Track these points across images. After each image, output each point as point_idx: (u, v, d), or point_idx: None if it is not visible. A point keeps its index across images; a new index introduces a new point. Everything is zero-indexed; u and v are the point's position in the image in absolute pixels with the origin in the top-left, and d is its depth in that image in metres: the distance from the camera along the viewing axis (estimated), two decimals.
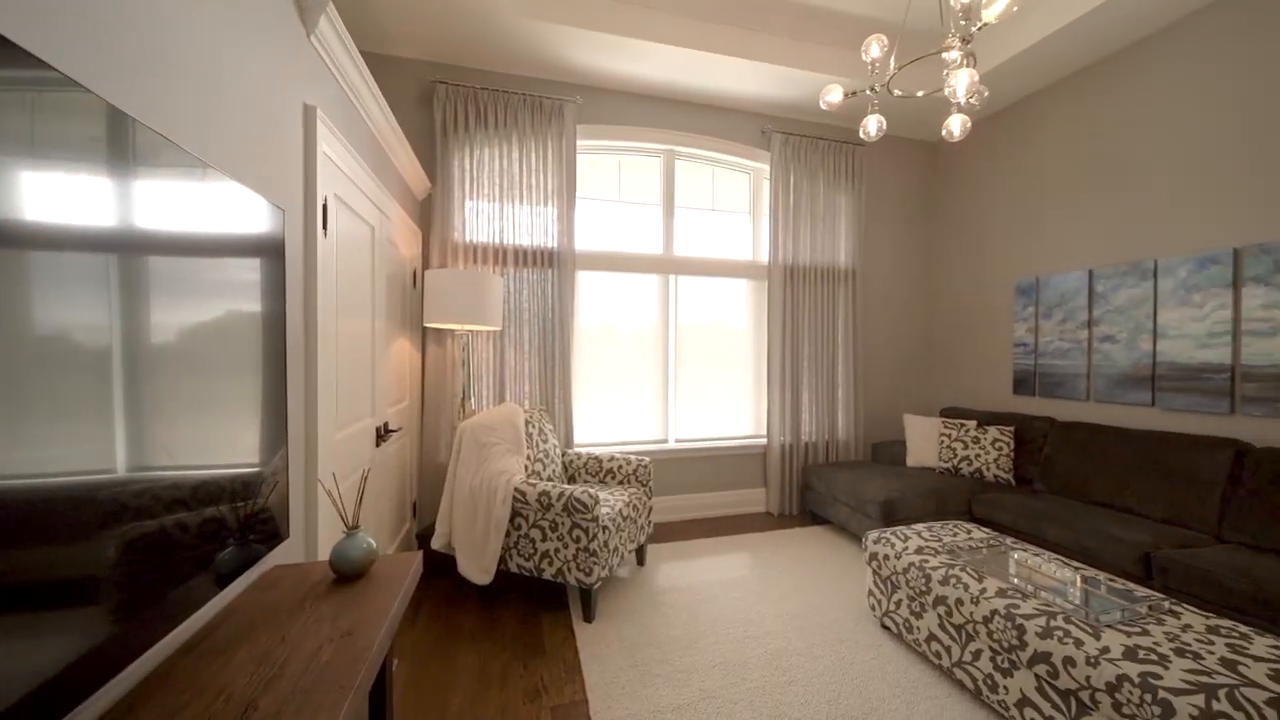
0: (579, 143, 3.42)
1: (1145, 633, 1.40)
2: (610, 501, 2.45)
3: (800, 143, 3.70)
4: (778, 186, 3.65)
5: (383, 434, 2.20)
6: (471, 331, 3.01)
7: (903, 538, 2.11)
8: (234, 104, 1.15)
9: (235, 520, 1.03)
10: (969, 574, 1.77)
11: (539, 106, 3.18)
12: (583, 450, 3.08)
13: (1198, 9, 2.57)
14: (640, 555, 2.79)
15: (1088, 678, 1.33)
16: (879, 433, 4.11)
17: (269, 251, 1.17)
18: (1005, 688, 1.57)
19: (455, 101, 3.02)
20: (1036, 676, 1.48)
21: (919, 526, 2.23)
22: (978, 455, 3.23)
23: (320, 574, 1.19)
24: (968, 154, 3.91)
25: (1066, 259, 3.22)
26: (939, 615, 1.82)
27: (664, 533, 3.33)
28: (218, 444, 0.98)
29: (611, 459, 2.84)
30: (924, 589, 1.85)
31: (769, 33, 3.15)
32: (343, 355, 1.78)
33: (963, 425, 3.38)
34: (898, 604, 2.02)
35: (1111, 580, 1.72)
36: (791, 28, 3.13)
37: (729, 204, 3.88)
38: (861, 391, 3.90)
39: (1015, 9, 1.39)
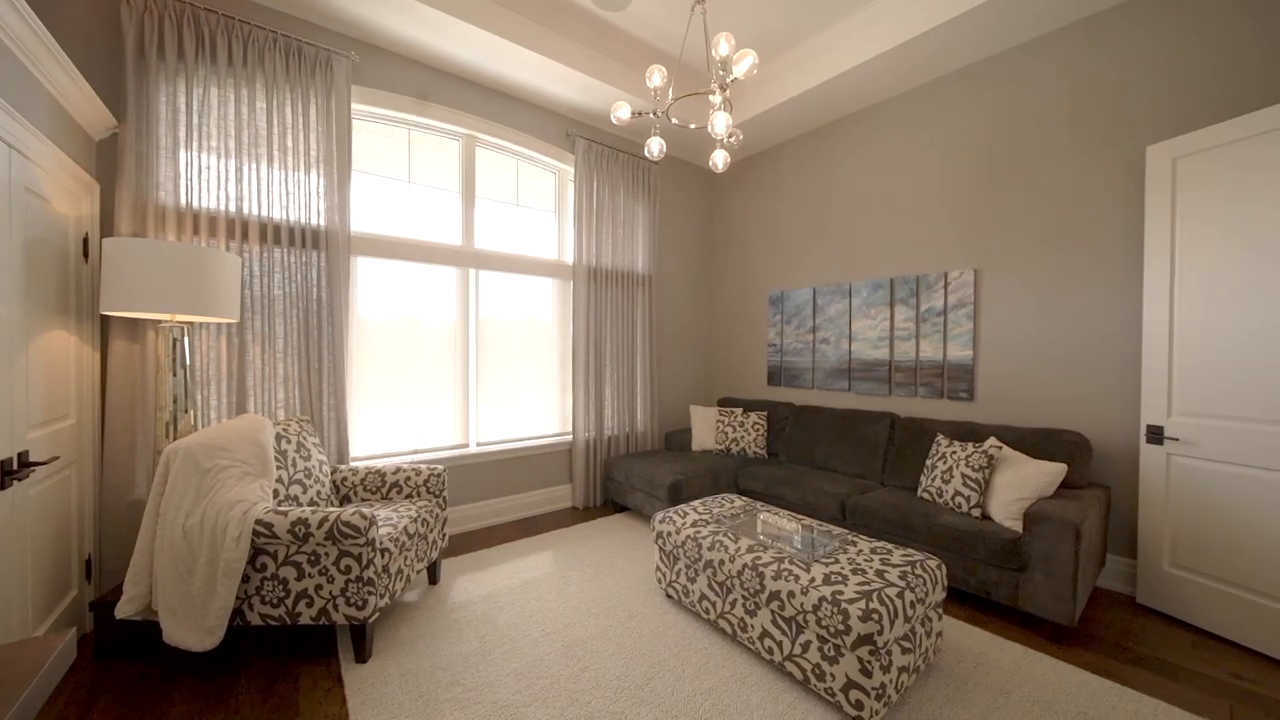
0: (355, 106, 2.94)
1: (836, 561, 1.87)
2: (392, 520, 2.17)
3: (602, 151, 3.88)
4: (582, 190, 3.76)
5: (15, 469, 1.52)
6: (188, 324, 2.32)
7: (682, 514, 2.40)
8: None
9: None
10: (729, 537, 2.10)
11: (299, 53, 2.62)
12: (361, 465, 2.68)
13: (910, 88, 3.51)
14: (433, 573, 2.55)
15: (801, 604, 1.71)
16: (671, 423, 4.59)
17: None
18: (751, 626, 1.92)
19: (161, 17, 2.27)
20: (772, 612, 1.84)
21: (695, 503, 2.56)
22: (742, 437, 3.88)
23: None
24: (735, 184, 4.67)
25: (801, 277, 4.10)
26: (707, 577, 2.12)
27: (465, 543, 3.12)
28: None
29: (397, 471, 2.52)
30: (697, 557, 2.13)
31: (569, 37, 3.21)
32: None
33: (732, 412, 4.02)
34: (678, 574, 2.28)
35: (822, 526, 2.25)
36: (591, 38, 3.26)
37: (535, 201, 3.84)
38: (657, 386, 4.31)
39: (755, 72, 1.69)
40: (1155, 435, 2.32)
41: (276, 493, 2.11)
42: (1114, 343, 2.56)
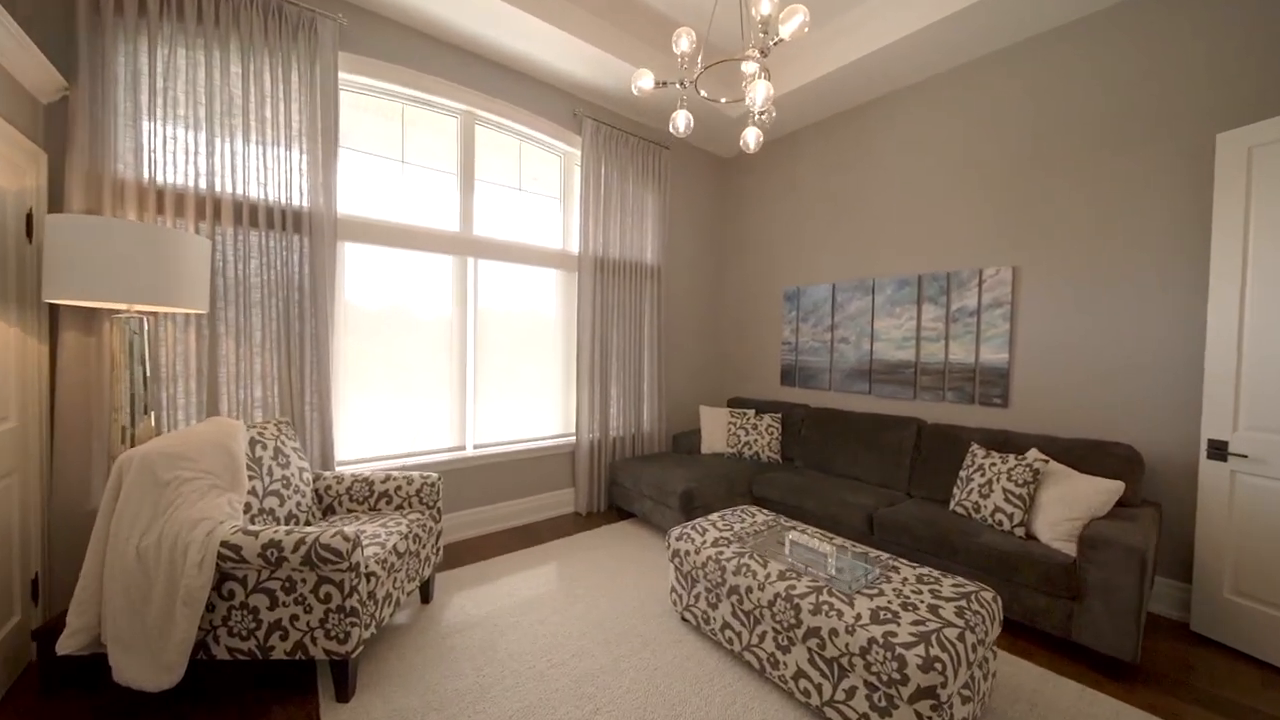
0: (343, 76, 2.67)
1: (881, 593, 1.67)
2: (381, 537, 1.94)
3: (611, 134, 3.62)
4: (589, 175, 3.51)
5: None
6: (150, 314, 2.07)
7: (700, 531, 2.18)
8: None
9: None
10: (756, 560, 1.89)
11: (279, 12, 2.35)
12: (348, 471, 2.44)
13: (944, 70, 3.25)
14: (426, 591, 2.33)
15: (846, 645, 1.50)
16: (679, 424, 4.38)
17: None
18: (784, 663, 1.71)
19: None
20: (810, 650, 1.64)
21: (714, 517, 2.35)
22: (756, 440, 3.67)
23: None
24: (749, 173, 4.42)
25: (819, 273, 3.88)
26: (732, 604, 1.91)
27: (461, 554, 2.90)
28: None
29: (388, 479, 2.29)
30: (720, 580, 1.92)
31: (583, 8, 2.94)
32: None
33: (745, 414, 3.80)
34: (697, 597, 2.07)
35: (857, 547, 2.05)
36: (601, 6, 2.99)
37: (538, 186, 3.58)
38: (665, 385, 4.09)
39: (806, 30, 1.45)
40: (1218, 450, 2.12)
41: (249, 506, 1.88)
42: (1169, 349, 2.36)
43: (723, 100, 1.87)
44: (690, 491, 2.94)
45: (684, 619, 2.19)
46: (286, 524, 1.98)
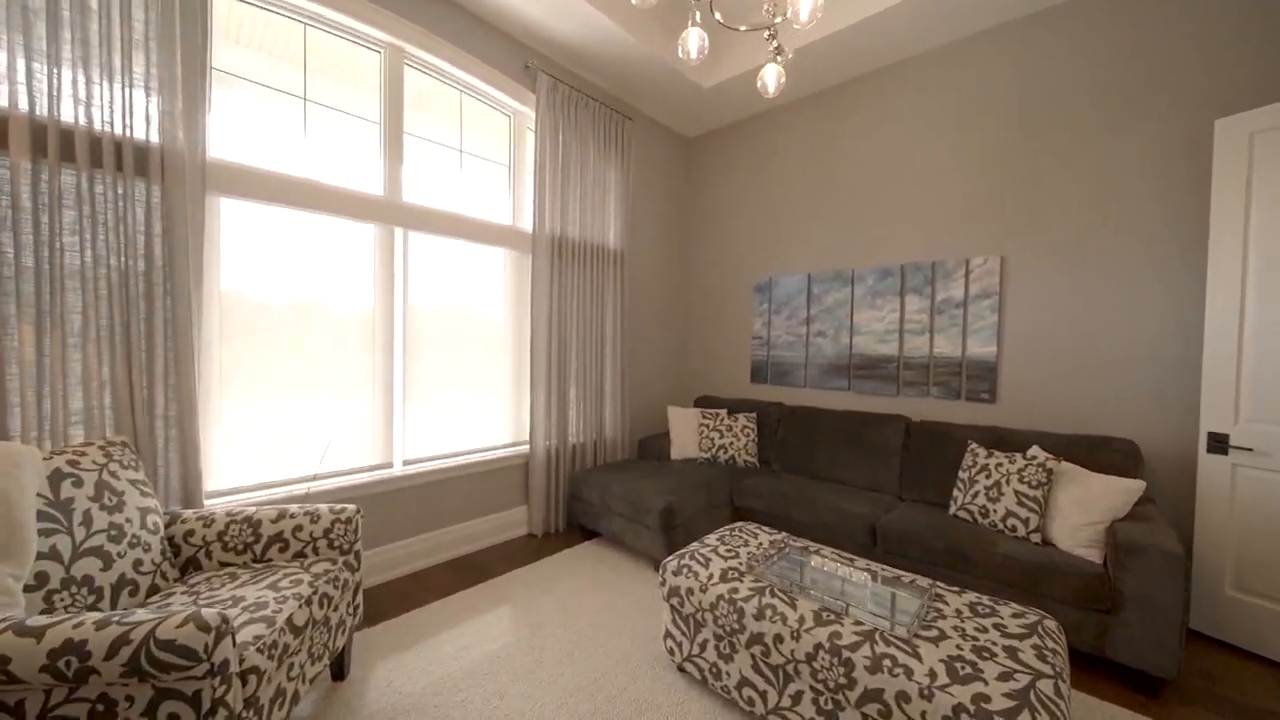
0: None
1: (942, 633, 1.36)
2: (269, 608, 1.35)
3: (571, 95, 3.14)
4: (545, 139, 3.00)
5: None
6: None
7: (703, 562, 1.79)
8: None
9: None
10: (781, 599, 1.53)
11: None
12: (223, 508, 1.80)
13: (931, 48, 3.04)
14: (340, 664, 1.74)
15: (922, 713, 1.17)
16: (644, 427, 3.97)
17: None
18: None
19: None
20: (864, 716, 1.30)
21: (712, 540, 1.97)
22: (731, 443, 3.35)
23: None
24: (717, 154, 4.10)
25: (794, 262, 3.64)
26: (753, 656, 1.53)
27: (388, 602, 2.29)
28: None
29: (282, 517, 1.68)
30: (736, 626, 1.54)
31: None
32: None
33: (717, 414, 3.48)
34: (703, 645, 1.67)
35: (888, 570, 1.75)
36: None
37: (484, 149, 3.02)
38: (629, 384, 3.66)
39: None
40: (1219, 444, 2.07)
41: (43, 579, 1.22)
42: (1162, 340, 2.31)
43: (742, 29, 1.49)
44: (671, 508, 2.54)
45: (684, 670, 1.79)
46: (113, 601, 1.34)
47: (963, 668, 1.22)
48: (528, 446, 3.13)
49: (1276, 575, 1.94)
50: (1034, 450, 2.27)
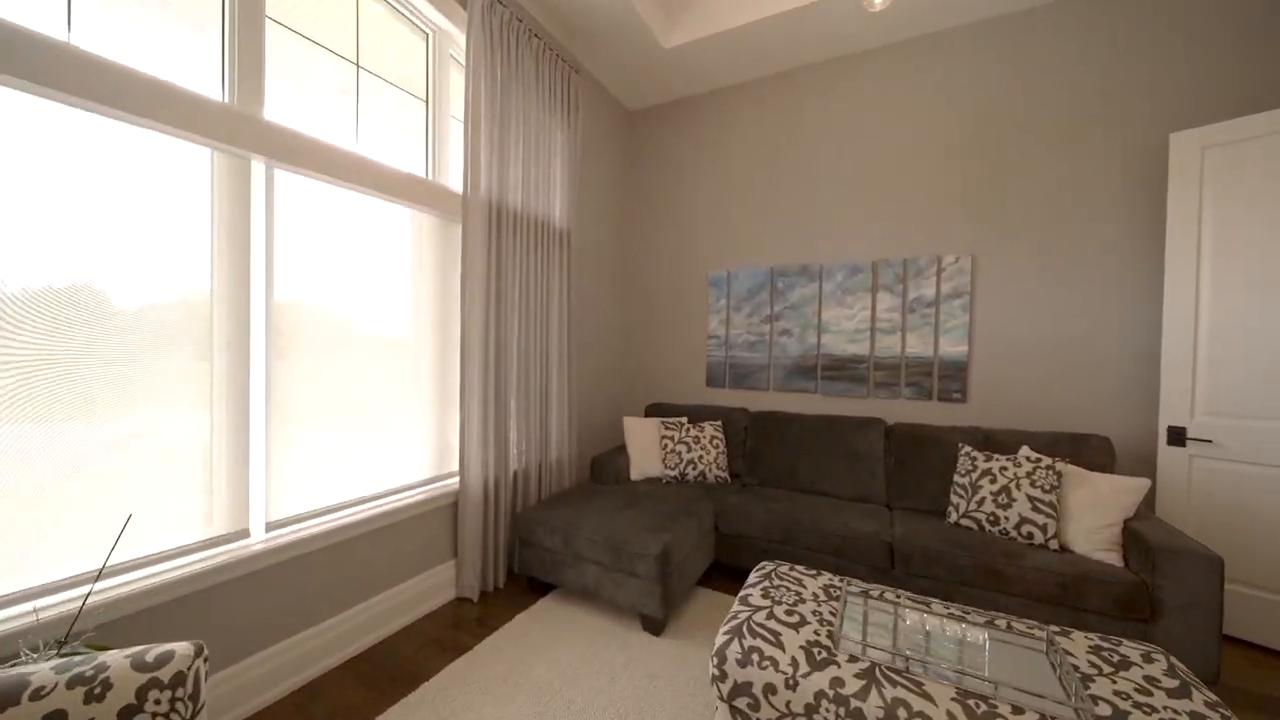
0: None
1: (1116, 710, 1.07)
2: None
3: (512, 23, 2.44)
4: (479, 73, 2.27)
5: None
6: None
7: (772, 638, 1.31)
8: None
9: None
10: (906, 685, 1.12)
11: None
12: None
13: (907, 38, 2.91)
14: None
15: None
16: (592, 443, 3.38)
17: None
18: None
19: None
20: None
21: (756, 597, 1.51)
22: (700, 456, 2.93)
23: None
24: (670, 132, 3.67)
25: (755, 255, 3.35)
26: None
27: None
28: None
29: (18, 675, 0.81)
30: None
31: None
32: None
33: (680, 424, 3.04)
34: None
35: (982, 615, 1.45)
36: None
37: (390, 71, 2.19)
38: (577, 392, 3.05)
39: None
40: (1177, 437, 2.19)
41: None
42: (1127, 338, 2.43)
43: None
44: (668, 551, 2.02)
45: None
46: None
47: None
48: (456, 480, 2.36)
49: (1231, 561, 2.08)
50: (1026, 451, 2.22)
